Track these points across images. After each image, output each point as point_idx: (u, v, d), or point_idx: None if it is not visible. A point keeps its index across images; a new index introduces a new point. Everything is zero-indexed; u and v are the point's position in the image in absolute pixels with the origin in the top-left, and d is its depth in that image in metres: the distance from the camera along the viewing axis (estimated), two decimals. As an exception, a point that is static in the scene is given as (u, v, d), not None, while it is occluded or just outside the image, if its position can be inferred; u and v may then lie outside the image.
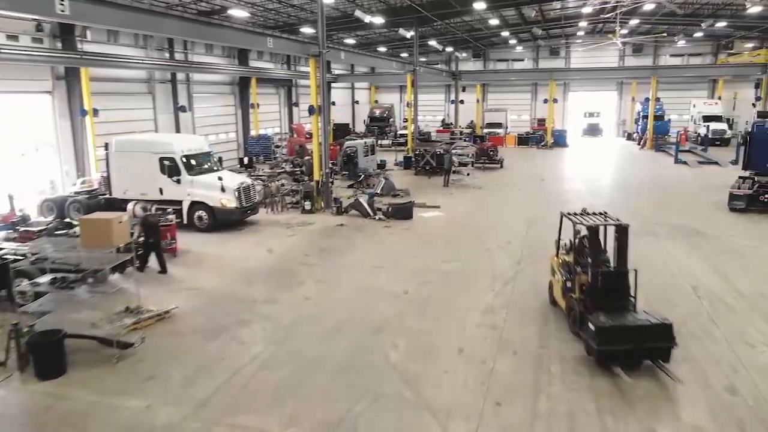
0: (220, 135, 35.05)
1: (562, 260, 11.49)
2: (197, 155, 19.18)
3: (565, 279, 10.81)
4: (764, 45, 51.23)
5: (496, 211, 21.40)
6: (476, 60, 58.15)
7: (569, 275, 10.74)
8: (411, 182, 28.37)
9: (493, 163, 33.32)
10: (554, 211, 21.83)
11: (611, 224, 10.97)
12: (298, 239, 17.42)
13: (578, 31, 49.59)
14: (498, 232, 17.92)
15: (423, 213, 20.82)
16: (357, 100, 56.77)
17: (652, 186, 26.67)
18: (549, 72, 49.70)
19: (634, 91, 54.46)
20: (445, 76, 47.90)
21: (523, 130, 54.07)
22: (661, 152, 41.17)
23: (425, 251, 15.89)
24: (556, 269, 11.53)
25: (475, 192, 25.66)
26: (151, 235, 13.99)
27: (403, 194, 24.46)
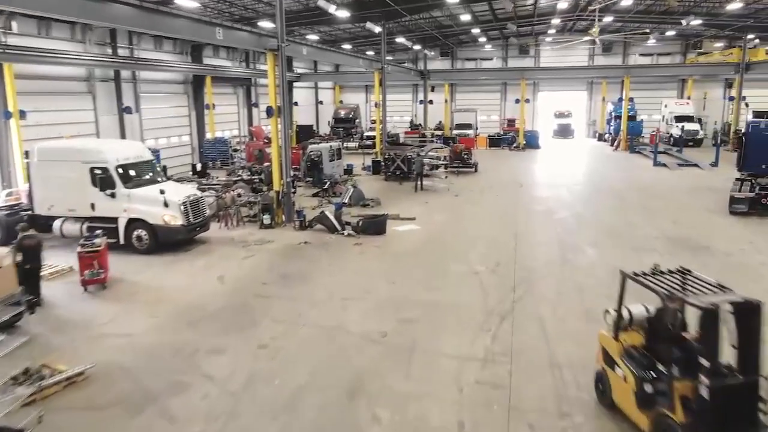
0: (171, 138, 32.17)
1: (628, 346, 7.58)
2: (136, 164, 16.55)
3: (643, 380, 6.95)
4: (732, 44, 50.89)
5: (478, 222, 19.34)
6: (444, 59, 56.31)
7: (651, 376, 6.95)
8: (381, 189, 26.13)
9: (468, 167, 31.37)
10: (541, 221, 20.13)
11: (735, 301, 6.50)
12: (255, 262, 14.98)
13: (549, 29, 48.17)
14: (483, 250, 15.83)
15: (397, 227, 18.61)
16: (321, 100, 54.24)
17: (637, 191, 25.06)
18: (520, 71, 48.11)
19: (604, 90, 53.46)
20: (413, 75, 45.85)
21: (492, 131, 52.51)
22: (635, 154, 39.98)
23: (403, 276, 13.67)
24: (616, 359, 7.60)
25: (452, 200, 23.58)
26: (30, 260, 11.34)
27: (373, 204, 22.21)
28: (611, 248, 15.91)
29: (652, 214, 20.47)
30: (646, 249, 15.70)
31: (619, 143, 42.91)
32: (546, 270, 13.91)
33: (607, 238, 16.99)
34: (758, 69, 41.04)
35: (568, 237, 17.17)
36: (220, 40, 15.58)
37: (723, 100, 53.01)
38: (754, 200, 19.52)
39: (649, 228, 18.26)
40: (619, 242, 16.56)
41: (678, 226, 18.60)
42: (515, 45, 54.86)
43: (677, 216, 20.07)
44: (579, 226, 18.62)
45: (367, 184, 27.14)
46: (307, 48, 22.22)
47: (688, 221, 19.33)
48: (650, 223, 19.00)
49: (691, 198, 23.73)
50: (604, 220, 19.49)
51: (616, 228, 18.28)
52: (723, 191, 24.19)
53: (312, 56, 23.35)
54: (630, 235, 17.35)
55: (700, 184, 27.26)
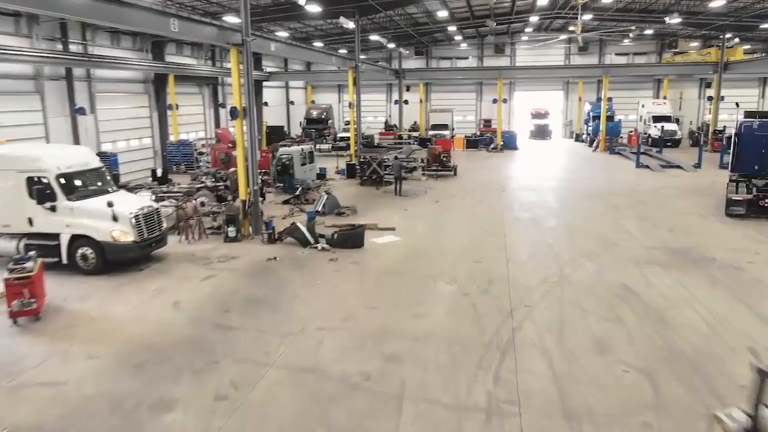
0: (131, 141, 30.10)
1: None
2: (81, 173, 14.65)
3: None
4: (707, 44, 50.63)
5: (463, 232, 17.88)
6: (418, 58, 54.97)
7: None
8: (357, 195, 24.54)
9: (447, 170, 29.97)
10: (529, 230, 18.45)
11: None
12: (217, 283, 13.25)
13: (526, 27, 47.20)
14: (472, 265, 14.37)
15: (376, 238, 17.03)
16: (292, 100, 52.41)
17: (624, 195, 23.95)
18: (498, 70, 46.98)
19: (580, 90, 52.74)
20: (388, 74, 44.35)
21: (468, 131, 51.39)
22: (615, 155, 39.15)
23: (385, 299, 12.11)
24: None
25: (433, 206, 22.11)
26: None
27: (349, 212, 20.61)
28: (609, 261, 14.61)
29: (645, 220, 19.30)
30: (647, 262, 14.44)
31: (599, 144, 42.06)
32: (543, 289, 12.50)
33: (603, 250, 15.69)
34: (736, 68, 40.67)
35: (561, 248, 15.82)
36: (175, 33, 13.81)
37: (698, 100, 52.87)
38: (751, 202, 18.99)
39: (645, 237, 17.05)
40: (617, 254, 15.28)
41: (676, 234, 17.43)
42: (491, 44, 53.83)
43: (672, 222, 18.95)
44: (571, 236, 17.30)
45: (341, 189, 25.55)
46: (275, 44, 20.51)
47: (684, 228, 18.21)
48: (645, 230, 17.81)
49: (682, 201, 22.72)
50: (596, 228, 18.23)
51: (611, 237, 17.02)
52: (712, 194, 23.51)
53: (281, 53, 21.64)
54: (627, 246, 16.09)
55: (686, 186, 26.36)
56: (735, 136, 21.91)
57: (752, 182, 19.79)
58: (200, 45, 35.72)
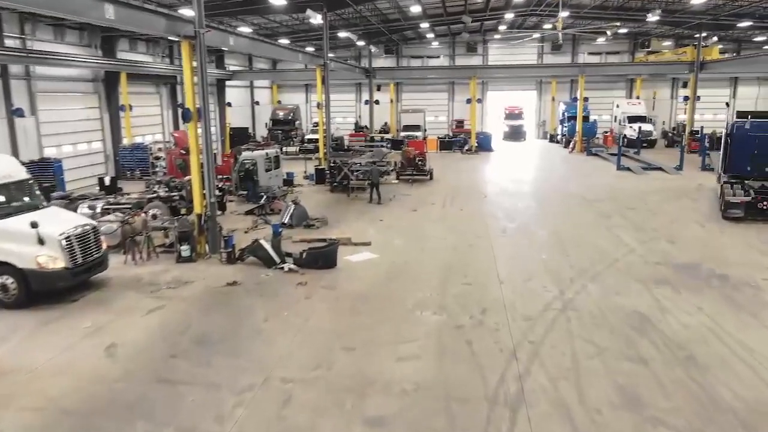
0: (79, 145, 27.55)
1: None
2: (2, 187, 12.42)
3: None
4: (680, 43, 50.16)
5: (446, 246, 16.13)
6: (388, 56, 53.23)
7: None
8: (327, 204, 22.63)
9: (422, 174, 28.24)
10: (519, 243, 16.56)
11: None
12: (164, 318, 11.20)
13: (500, 25, 45.86)
14: (461, 288, 12.63)
15: (350, 256, 15.15)
16: (257, 100, 50.04)
17: (611, 200, 22.58)
18: (472, 69, 45.54)
19: (554, 90, 51.78)
20: (358, 73, 42.46)
21: (441, 132, 49.88)
22: (593, 156, 38.02)
23: (364, 336, 10.24)
24: None
25: (410, 216, 20.33)
26: None
27: (319, 224, 18.68)
28: (613, 281, 13.03)
29: (640, 229, 17.87)
30: (655, 281, 12.90)
31: (575, 145, 40.92)
32: (547, 319, 10.82)
33: (603, 266, 14.13)
34: (712, 68, 40.01)
35: (557, 266, 14.20)
36: (110, 21, 11.68)
37: (671, 100, 52.45)
38: (749, 205, 18.48)
39: (645, 249, 15.58)
40: (619, 271, 13.73)
41: (677, 245, 16.01)
42: (463, 43, 52.35)
43: (669, 231, 17.57)
44: (564, 249, 15.71)
45: (310, 197, 23.60)
46: (234, 38, 18.41)
47: (684, 238, 16.84)
48: (643, 242, 16.35)
49: (673, 207, 21.47)
50: (589, 240, 16.70)
51: (608, 251, 15.49)
52: (701, 198, 22.54)
53: (242, 48, 19.60)
54: (628, 261, 14.57)
55: (672, 189, 25.26)
56: (727, 136, 21.47)
57: (748, 184, 19.21)
58: (157, 41, 33.31)
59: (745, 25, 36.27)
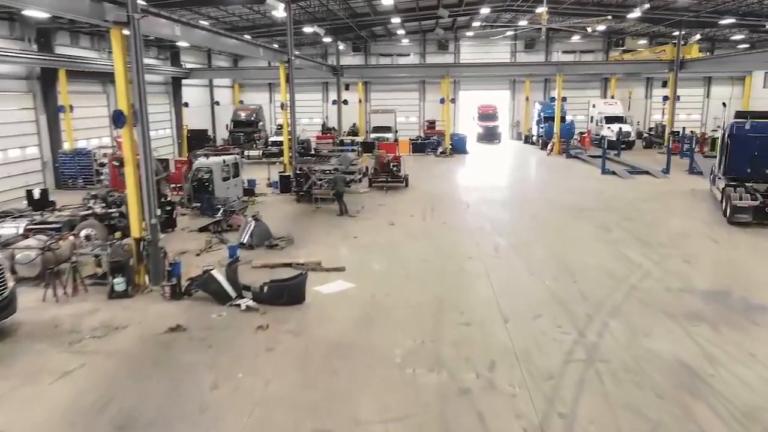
0: (10, 152, 24.32)
1: None
2: None
3: None
4: (653, 42, 49.09)
5: (433, 271, 13.82)
6: (356, 54, 50.76)
7: None
8: (293, 217, 20.13)
9: (397, 181, 25.91)
10: (517, 267, 14.21)
11: None
12: (81, 387, 8.56)
13: (473, 21, 43.87)
14: (458, 330, 10.33)
15: (321, 286, 12.70)
16: (218, 100, 46.90)
17: (606, 210, 20.64)
18: (445, 67, 43.39)
19: (527, 89, 50.21)
20: (324, 71, 39.90)
21: (412, 133, 47.71)
22: (572, 159, 36.28)
23: (341, 409, 7.83)
24: None
25: (388, 231, 17.98)
26: None
27: (284, 244, 16.16)
28: (640, 317, 10.90)
29: (646, 244, 15.88)
30: (687, 317, 10.83)
31: (553, 147, 39.17)
32: (572, 376, 8.59)
33: (621, 296, 12.02)
34: (692, 67, 38.80)
35: (566, 295, 12.03)
36: (16, 2, 8.97)
37: (645, 100, 51.38)
38: (757, 209, 17.77)
39: (662, 272, 13.56)
40: (643, 304, 11.62)
41: (695, 265, 14.07)
42: (434, 40, 50.30)
43: (680, 246, 15.66)
44: (570, 273, 13.57)
45: (274, 208, 21.07)
46: (181, 27, 15.63)
47: (698, 253, 15.01)
48: (656, 261, 14.34)
49: (673, 216, 19.72)
50: (595, 260, 14.61)
51: (619, 274, 13.42)
52: (698, 204, 21.50)
53: (191, 39, 16.88)
54: (646, 288, 12.50)
55: (665, 196, 23.70)
56: (727, 137, 20.73)
57: (753, 188, 18.62)
58: (102, 34, 30.12)
59: (727, 23, 34.99)
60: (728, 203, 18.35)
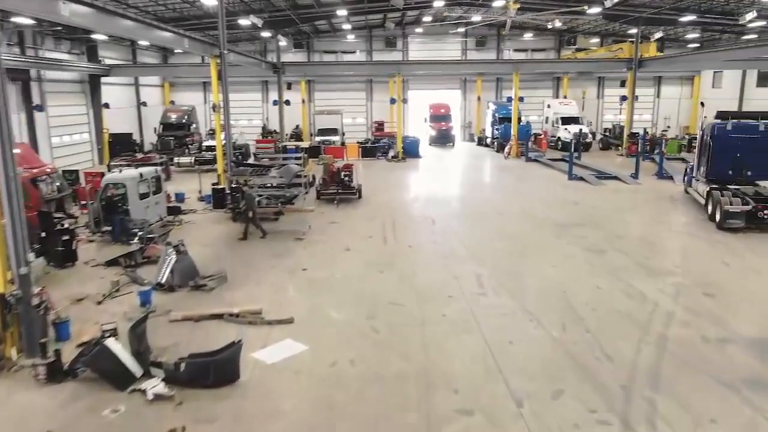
0: None
1: None
2: None
3: None
4: (605, 41, 47.92)
5: (408, 323, 10.79)
6: (298, 51, 47.29)
7: None
8: (228, 242, 16.71)
9: (349, 192, 22.79)
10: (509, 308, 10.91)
11: None
12: None
13: (423, 17, 41.28)
14: (459, 427, 7.35)
15: (260, 351, 9.45)
16: (144, 101, 42.33)
17: (590, 225, 18.20)
18: (395, 65, 40.59)
19: (479, 89, 48.09)
20: (264, 68, 36.23)
21: (359, 135, 44.70)
22: (532, 162, 34.15)
23: None
24: None
25: (344, 260, 14.84)
26: None
27: (214, 283, 12.74)
28: (692, 390, 8.20)
29: (653, 272, 13.40)
30: (748, 383, 8.30)
31: (510, 150, 36.95)
32: None
33: (655, 353, 9.34)
34: (651, 65, 37.51)
35: (586, 356, 9.27)
36: None
37: (598, 100, 50.20)
38: (749, 214, 17.17)
39: (686, 312, 11.03)
40: (685, 364, 8.97)
41: (720, 299, 11.61)
42: (381, 37, 47.47)
43: (690, 271, 13.30)
44: (579, 317, 10.82)
45: (205, 230, 17.60)
46: (71, 6, 11.92)
47: (716, 282, 12.58)
48: (673, 295, 11.84)
49: (663, 228, 17.78)
50: (601, 296, 11.96)
51: (640, 318, 10.79)
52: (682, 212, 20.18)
53: (86, 23, 13.24)
54: (681, 339, 9.88)
55: (644, 204, 22.05)
56: (709, 139, 19.93)
57: (742, 191, 18.13)
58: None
59: (687, 20, 33.63)
60: (718, 208, 17.64)
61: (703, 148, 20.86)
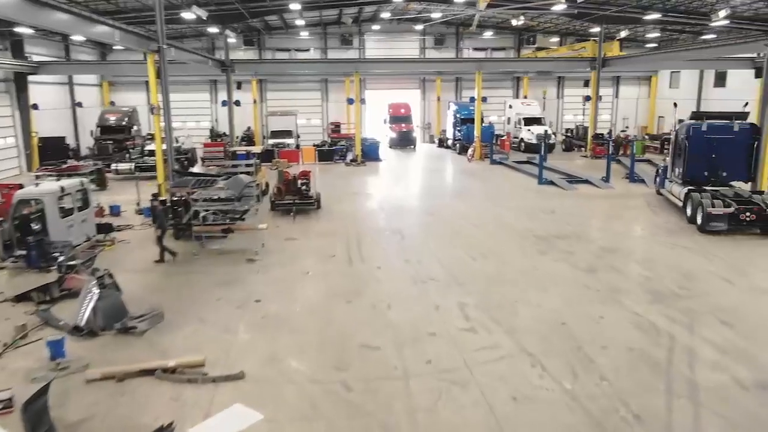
0: None
1: None
2: None
3: None
4: (565, 40, 47.18)
5: (384, 373, 8.85)
6: (248, 48, 44.71)
7: None
8: (167, 265, 14.38)
9: (307, 203, 20.66)
10: (515, 360, 8.42)
11: None
12: None
13: (382, 12, 39.43)
14: None
15: (200, 427, 7.31)
16: (80, 101, 38.88)
17: (574, 237, 16.68)
18: (351, 63, 38.55)
19: (439, 89, 46.67)
20: (212, 66, 33.60)
21: (315, 137, 42.51)
22: (497, 165, 32.77)
23: None
24: None
25: (303, 286, 12.77)
26: None
27: (147, 324, 10.43)
28: None
29: (658, 296, 11.86)
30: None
31: (474, 152, 35.48)
32: None
33: (689, 409, 7.69)
34: (615, 65, 36.75)
35: (611, 416, 7.51)
36: None
37: (557, 100, 49.43)
38: (732, 216, 16.88)
39: (709, 347, 9.46)
40: (729, 423, 7.34)
41: (738, 329, 10.13)
42: (336, 34, 45.43)
43: (696, 294, 11.81)
44: (591, 364, 9.08)
45: (141, 252, 15.23)
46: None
47: (726, 306, 11.16)
48: (688, 326, 10.29)
49: (648, 238, 16.22)
50: (612, 333, 10.27)
51: (658, 357, 9.16)
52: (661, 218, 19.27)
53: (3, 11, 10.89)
54: (713, 386, 8.27)
55: (623, 210, 21.22)
56: (685, 140, 19.68)
57: (722, 193, 17.88)
58: None
59: (652, 18, 32.81)
60: (699, 211, 17.37)
61: (678, 149, 20.51)
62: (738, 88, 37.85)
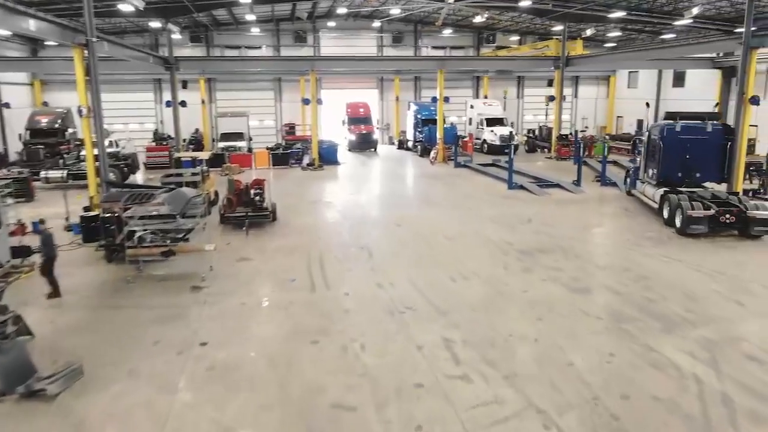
0: None
1: None
2: None
3: None
4: (524, 39, 46.34)
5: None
6: (195, 45, 42.10)
7: None
8: (93, 300, 12.14)
9: (261, 215, 18.57)
10: (514, 414, 6.97)
11: None
12: None
13: (338, 8, 37.50)
14: None
15: None
16: (7, 102, 35.41)
17: (560, 251, 15.22)
18: (306, 61, 36.47)
19: (397, 88, 45.11)
20: (154, 63, 30.98)
21: (268, 139, 40.27)
22: (462, 168, 31.36)
23: None
24: None
25: (260, 324, 10.81)
26: None
27: (59, 385, 8.23)
28: None
29: (668, 324, 10.41)
30: None
31: (437, 155, 33.97)
32: None
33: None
34: (579, 64, 35.90)
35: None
36: None
37: (517, 100, 48.59)
38: (711, 219, 16.56)
39: (743, 392, 8.04)
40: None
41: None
42: (289, 31, 43.29)
43: (708, 318, 10.41)
44: (616, 429, 7.54)
45: (66, 278, 12.85)
46: None
47: (754, 338, 9.68)
48: (712, 364, 8.85)
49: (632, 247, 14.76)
50: (630, 376, 8.77)
51: (692, 412, 7.65)
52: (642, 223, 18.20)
53: None
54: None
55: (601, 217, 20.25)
56: (659, 141, 19.23)
57: (699, 195, 17.48)
58: None
59: (616, 17, 32.02)
60: (678, 213, 16.99)
61: (652, 150, 19.96)
62: (697, 88, 37.70)
